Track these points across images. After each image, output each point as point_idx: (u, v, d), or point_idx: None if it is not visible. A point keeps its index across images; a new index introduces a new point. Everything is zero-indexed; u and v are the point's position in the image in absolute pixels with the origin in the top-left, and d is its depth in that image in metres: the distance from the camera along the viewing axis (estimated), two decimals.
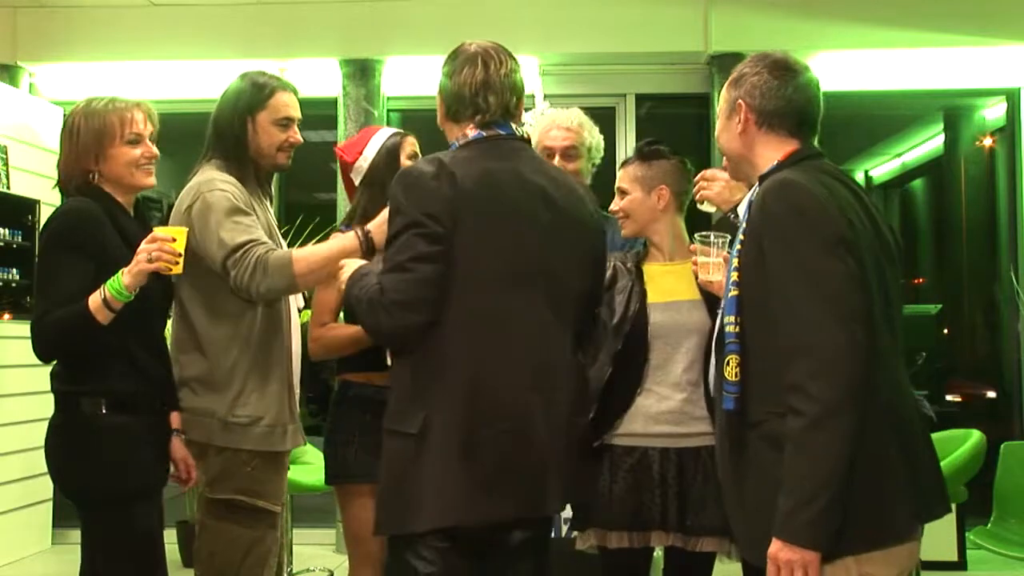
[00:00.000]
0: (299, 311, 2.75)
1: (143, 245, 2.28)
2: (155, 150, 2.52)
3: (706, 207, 2.77)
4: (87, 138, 2.45)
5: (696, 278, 2.48)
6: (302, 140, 2.71)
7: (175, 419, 2.57)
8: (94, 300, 2.29)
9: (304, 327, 2.81)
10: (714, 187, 2.69)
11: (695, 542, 2.53)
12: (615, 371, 2.57)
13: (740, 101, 2.02)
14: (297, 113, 2.68)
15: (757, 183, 1.98)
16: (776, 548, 1.78)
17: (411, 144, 2.91)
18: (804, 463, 1.76)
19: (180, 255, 2.29)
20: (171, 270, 2.30)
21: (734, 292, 1.90)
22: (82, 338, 2.33)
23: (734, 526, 2.03)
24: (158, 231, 2.31)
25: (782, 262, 1.82)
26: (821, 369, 1.74)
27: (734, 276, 1.91)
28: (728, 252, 2.23)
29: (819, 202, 1.83)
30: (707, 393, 2.56)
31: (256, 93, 2.61)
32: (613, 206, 2.74)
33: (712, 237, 2.36)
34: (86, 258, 2.35)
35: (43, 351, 2.40)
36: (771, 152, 2.00)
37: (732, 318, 1.89)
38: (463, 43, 2.29)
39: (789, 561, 1.76)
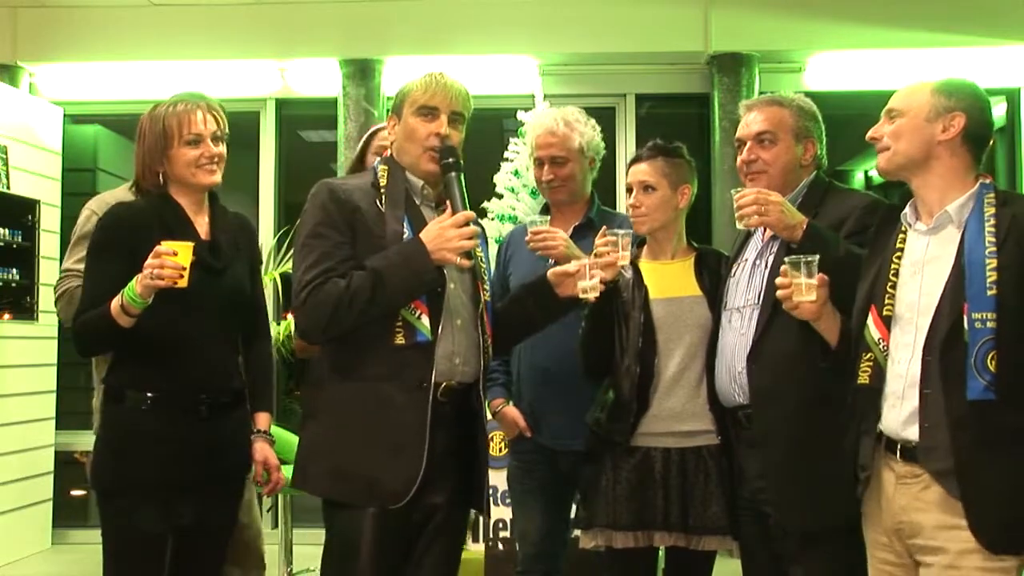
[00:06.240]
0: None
1: (148, 260, 2.30)
2: (216, 148, 2.50)
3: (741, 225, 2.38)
4: (151, 141, 2.50)
5: (782, 302, 2.19)
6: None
7: (262, 420, 2.63)
8: (115, 305, 2.33)
9: None
10: (771, 212, 2.30)
11: (697, 540, 2.54)
12: (641, 369, 2.56)
13: (960, 112, 2.08)
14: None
15: (986, 190, 2.06)
16: None
17: (380, 138, 2.91)
18: None
19: (184, 268, 2.30)
20: (176, 284, 2.30)
21: (992, 292, 1.96)
22: (110, 338, 2.41)
23: (978, 513, 1.95)
24: (161, 246, 2.31)
25: None
26: None
27: (993, 276, 1.97)
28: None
29: None
30: (710, 391, 2.57)
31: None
32: (632, 201, 2.65)
33: (803, 260, 2.15)
34: (116, 262, 2.39)
35: (78, 350, 2.53)
36: (954, 169, 2.09)
37: (991, 314, 1.96)
38: None
39: None
